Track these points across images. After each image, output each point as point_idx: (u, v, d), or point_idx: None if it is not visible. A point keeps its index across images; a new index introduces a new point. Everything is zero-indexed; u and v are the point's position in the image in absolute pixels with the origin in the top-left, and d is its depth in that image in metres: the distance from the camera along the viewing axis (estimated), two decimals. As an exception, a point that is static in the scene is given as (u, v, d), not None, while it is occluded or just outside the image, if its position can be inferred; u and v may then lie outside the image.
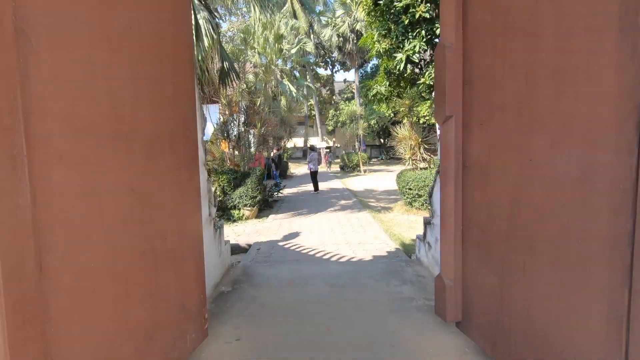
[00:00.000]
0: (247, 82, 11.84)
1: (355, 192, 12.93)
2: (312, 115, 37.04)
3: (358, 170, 22.15)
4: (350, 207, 9.60)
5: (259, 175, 8.50)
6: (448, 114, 2.10)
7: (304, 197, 12.02)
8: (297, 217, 8.39)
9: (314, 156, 13.59)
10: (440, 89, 2.16)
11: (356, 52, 28.92)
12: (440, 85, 2.16)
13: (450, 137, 2.15)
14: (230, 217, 8.14)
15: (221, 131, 9.89)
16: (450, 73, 2.08)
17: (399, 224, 7.46)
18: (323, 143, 28.37)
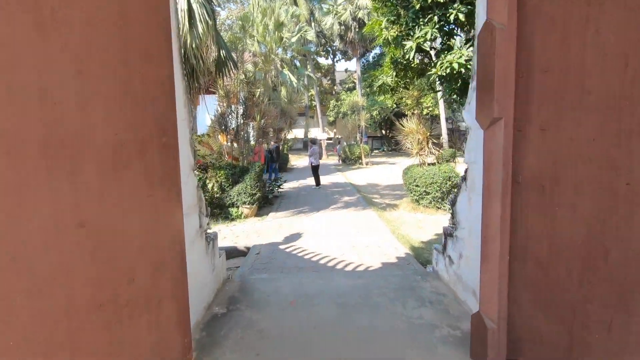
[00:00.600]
0: (246, 72, 11.32)
1: (359, 186, 12.51)
2: (313, 105, 36.39)
3: (360, 163, 21.69)
4: (353, 204, 9.18)
5: (258, 171, 8.05)
6: (497, 115, 1.65)
7: (305, 192, 11.60)
8: (299, 215, 7.98)
9: (315, 150, 13.09)
10: (486, 82, 1.70)
11: (358, 41, 28.18)
12: (486, 78, 1.70)
13: (496, 144, 1.71)
14: (229, 216, 7.73)
15: (219, 123, 9.41)
16: (501, 62, 1.62)
17: (406, 224, 7.05)
18: (324, 134, 27.85)
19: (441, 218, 7.38)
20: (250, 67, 15.51)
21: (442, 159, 8.67)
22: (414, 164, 8.94)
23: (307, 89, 24.47)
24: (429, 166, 8.39)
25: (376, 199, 10.06)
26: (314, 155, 12.96)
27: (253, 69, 14.75)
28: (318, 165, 13.11)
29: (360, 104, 22.93)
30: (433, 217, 7.53)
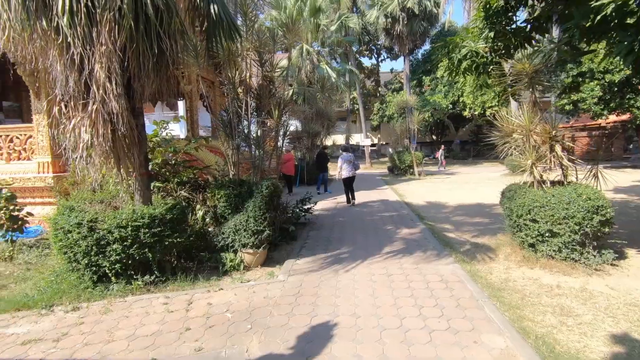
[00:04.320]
0: (276, 67, 8.34)
1: (417, 208, 9.15)
2: (355, 109, 33.32)
3: (411, 173, 18.18)
4: (418, 244, 5.92)
5: (266, 193, 5.09)
6: None
7: (343, 217, 8.47)
8: (331, 270, 4.89)
9: (348, 158, 10.09)
10: None
11: (407, 35, 24.73)
12: None
13: None
14: (220, 265, 4.82)
15: (223, 124, 6.63)
16: None
17: (529, 302, 3.71)
18: (367, 140, 24.59)
19: (595, 286, 3.94)
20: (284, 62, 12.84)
21: (581, 175, 5.17)
22: (518, 182, 5.52)
23: (348, 87, 21.47)
24: (554, 187, 4.94)
25: (450, 232, 6.69)
26: (347, 164, 9.97)
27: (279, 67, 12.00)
28: (352, 178, 10.08)
29: (411, 104, 19.43)
30: (576, 282, 4.10)
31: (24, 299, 3.90)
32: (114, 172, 4.67)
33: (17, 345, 3.11)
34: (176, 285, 4.28)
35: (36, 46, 3.89)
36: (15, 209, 5.24)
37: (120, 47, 3.78)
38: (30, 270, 4.75)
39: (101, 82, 3.79)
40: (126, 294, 4.03)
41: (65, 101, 4.03)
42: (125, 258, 4.06)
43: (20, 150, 7.13)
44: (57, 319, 3.58)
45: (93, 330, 3.31)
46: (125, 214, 4.10)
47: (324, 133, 16.57)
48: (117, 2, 3.65)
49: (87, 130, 3.93)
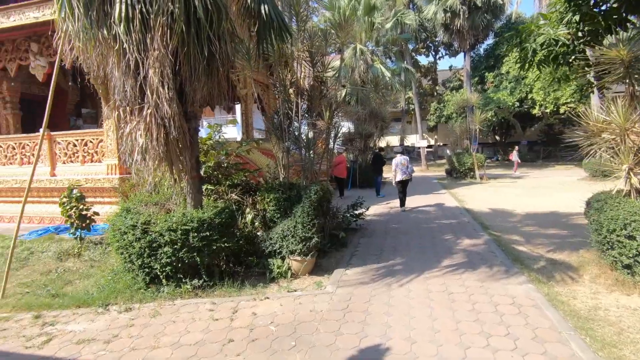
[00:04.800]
0: (330, 68, 8.05)
1: (480, 216, 8.36)
2: (411, 109, 32.14)
3: (472, 176, 16.95)
4: (482, 257, 5.30)
5: (314, 199, 4.87)
6: None
7: (397, 224, 7.99)
8: (384, 283, 4.52)
9: (402, 160, 9.65)
10: None
11: (468, 29, 23.24)
12: None
13: None
14: (268, 271, 4.69)
15: (273, 127, 6.57)
16: None
17: (629, 338, 3.03)
18: (423, 141, 23.50)
19: None
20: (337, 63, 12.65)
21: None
22: (609, 191, 4.68)
23: (403, 86, 20.66)
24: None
25: (520, 245, 5.94)
26: (402, 167, 9.51)
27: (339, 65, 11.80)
28: (406, 182, 9.60)
29: (472, 103, 18.14)
30: (692, 319, 3.30)
31: (85, 296, 4.08)
32: (167, 175, 4.78)
33: (72, 343, 3.21)
34: (223, 291, 4.21)
35: (98, 54, 4.06)
36: (84, 208, 5.60)
37: (172, 52, 3.80)
38: (94, 267, 5.02)
39: (155, 87, 3.83)
40: (175, 297, 4.05)
41: (123, 106, 4.15)
42: (175, 261, 4.08)
43: (93, 153, 7.71)
44: (111, 318, 3.67)
45: (141, 334, 3.32)
46: (176, 217, 4.12)
47: (378, 134, 16.06)
48: (170, 7, 3.67)
49: (142, 134, 4.00)
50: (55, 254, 5.44)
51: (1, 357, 3.06)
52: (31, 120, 9.40)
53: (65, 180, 7.34)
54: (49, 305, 3.95)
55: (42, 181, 7.55)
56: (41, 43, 7.35)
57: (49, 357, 3.01)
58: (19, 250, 5.60)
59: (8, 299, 4.20)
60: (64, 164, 7.86)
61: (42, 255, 5.48)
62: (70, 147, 7.77)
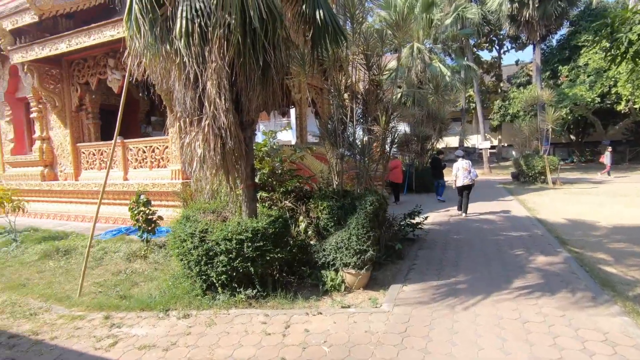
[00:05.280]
0: (387, 70, 7.71)
1: (556, 228, 7.47)
2: (471, 109, 30.31)
3: (543, 181, 15.44)
4: (561, 279, 4.67)
5: (370, 211, 4.63)
6: None
7: (458, 234, 7.43)
8: (445, 303, 4.15)
9: (464, 164, 9.10)
10: None
11: (538, 19, 21.31)
12: None
13: None
14: (321, 283, 4.56)
15: (327, 132, 6.45)
16: None
17: None
18: (486, 142, 21.95)
19: None
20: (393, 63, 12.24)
21: None
22: None
23: (464, 84, 19.47)
24: None
25: (608, 265, 5.16)
26: (463, 172, 9.06)
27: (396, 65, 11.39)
28: (468, 187, 9.02)
29: (544, 99, 16.50)
30: None
31: (148, 300, 4.28)
32: (224, 183, 4.86)
33: (135, 348, 3.34)
34: (276, 302, 4.16)
35: (162, 68, 4.23)
36: (149, 212, 5.94)
37: (229, 63, 3.83)
38: (157, 270, 5.28)
39: (212, 98, 3.89)
40: (230, 307, 4.07)
41: (184, 118, 4.29)
42: (230, 270, 4.11)
43: (159, 159, 8.21)
44: (171, 324, 3.78)
45: (197, 344, 3.36)
46: (231, 226, 4.15)
47: (436, 136, 15.28)
48: (227, 19, 3.69)
49: (200, 144, 4.09)
50: (125, 255, 5.83)
51: (74, 356, 3.28)
52: (108, 129, 10.33)
53: (135, 184, 7.91)
54: (117, 306, 4.19)
55: (116, 185, 8.21)
56: (116, 58, 7.99)
57: (113, 361, 3.16)
58: (95, 249, 6.10)
59: (84, 297, 4.54)
60: (134, 169, 8.48)
61: (114, 256, 5.91)
62: (140, 153, 8.36)
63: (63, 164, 9.50)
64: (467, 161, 9.59)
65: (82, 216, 9.03)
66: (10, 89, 10.14)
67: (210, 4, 3.61)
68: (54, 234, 7.42)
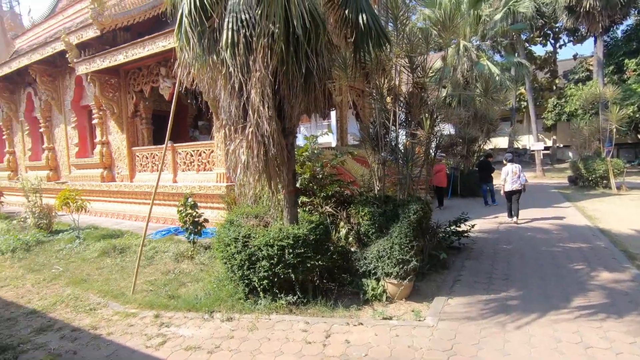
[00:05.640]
0: (431, 71, 7.39)
1: (622, 240, 6.77)
2: (522, 107, 28.53)
3: (605, 186, 14.17)
4: (630, 299, 4.21)
5: (413, 220, 4.48)
6: None
7: (508, 243, 6.99)
8: (493, 322, 3.90)
9: (513, 168, 8.69)
10: None
11: (601, 9, 19.62)
12: None
13: None
14: (362, 292, 4.49)
15: (369, 137, 6.36)
16: None
17: None
18: (539, 143, 20.57)
19: None
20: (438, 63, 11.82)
21: None
22: None
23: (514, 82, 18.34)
24: None
25: (687, 286, 4.58)
26: (512, 176, 8.73)
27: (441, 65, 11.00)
28: (517, 192, 8.67)
29: (608, 96, 15.12)
30: None
31: (194, 301, 4.44)
32: (266, 189, 4.95)
33: (182, 349, 3.47)
34: (316, 309, 4.15)
35: (209, 78, 4.38)
36: (196, 215, 6.20)
37: (272, 71, 3.88)
38: (202, 271, 5.48)
39: (256, 106, 3.96)
40: (271, 312, 4.12)
41: (228, 125, 4.41)
42: (272, 276, 4.16)
43: (205, 163, 8.55)
44: (215, 327, 3.89)
45: (239, 349, 3.43)
46: (273, 232, 4.20)
47: (483, 138, 14.53)
48: (271, 28, 3.74)
49: (244, 151, 4.18)
50: (173, 255, 6.12)
51: (127, 352, 3.48)
52: (160, 133, 10.94)
53: (183, 187, 8.31)
54: (166, 305, 4.40)
55: (166, 186, 8.66)
56: (168, 67, 8.44)
57: (162, 361, 3.30)
58: (146, 248, 6.47)
59: (137, 294, 4.82)
60: (183, 171, 8.91)
61: (163, 256, 6.23)
62: (188, 157, 8.76)
63: (120, 167, 10.21)
64: (516, 165, 9.06)
65: (136, 216, 9.64)
66: (75, 97, 11.07)
67: (255, 14, 3.68)
68: (111, 232, 7.98)
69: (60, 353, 3.49)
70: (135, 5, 9.37)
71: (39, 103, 12.06)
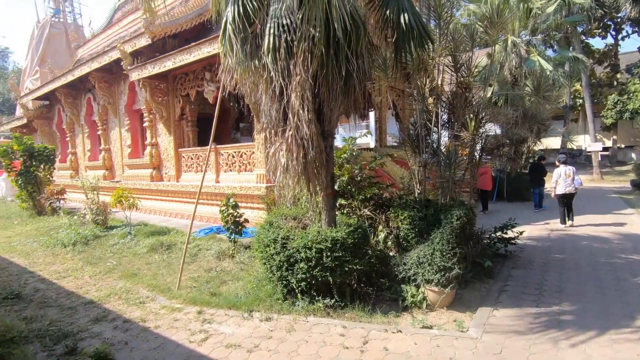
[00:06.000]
0: (476, 69, 7.04)
1: (696, 253, 6.08)
2: (577, 105, 26.49)
3: (675, 192, 12.76)
4: None
5: (456, 226, 4.29)
6: None
7: (561, 251, 6.51)
8: (544, 337, 3.64)
9: (566, 170, 8.12)
10: None
11: (673, -5, 17.73)
12: None
13: None
14: (400, 298, 4.39)
15: (409, 139, 6.21)
16: None
17: None
18: (597, 144, 19.01)
19: None
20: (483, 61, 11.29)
21: None
22: None
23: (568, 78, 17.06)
24: None
25: None
26: (565, 178, 8.32)
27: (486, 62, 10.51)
28: (569, 195, 8.16)
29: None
30: None
31: (234, 299, 4.58)
32: (304, 192, 4.98)
33: (222, 346, 3.59)
34: (354, 314, 4.11)
35: (251, 83, 4.49)
36: (237, 215, 6.39)
37: (312, 75, 3.90)
38: (242, 270, 5.63)
39: (295, 110, 3.99)
40: (309, 314, 4.14)
41: (269, 129, 4.49)
42: (310, 278, 4.17)
43: (246, 164, 8.80)
44: (254, 326, 3.98)
45: (278, 350, 3.48)
46: (311, 235, 4.21)
47: (533, 138, 13.65)
48: (311, 32, 3.76)
49: (284, 154, 4.24)
50: (215, 253, 6.35)
51: (172, 346, 3.65)
52: (203, 135, 11.42)
53: (225, 187, 8.60)
54: (208, 302, 4.57)
55: (209, 186, 9.01)
56: (212, 72, 8.77)
57: (205, 356, 3.43)
58: (191, 246, 6.76)
59: (182, 290, 5.05)
60: (225, 172, 9.23)
61: (206, 253, 6.48)
62: (230, 158, 9.06)
63: (167, 167, 10.78)
64: (570, 167, 8.46)
65: (182, 214, 10.12)
66: (128, 102, 11.85)
67: (296, 19, 3.71)
68: (159, 229, 8.44)
69: (113, 343, 3.73)
70: (183, 14, 9.85)
71: (97, 107, 13.04)
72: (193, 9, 10.02)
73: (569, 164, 8.72)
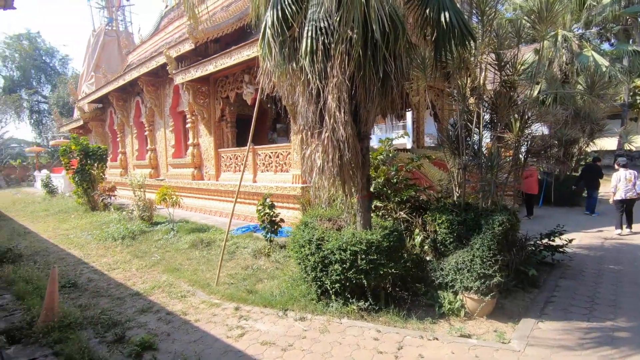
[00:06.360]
0: (520, 63, 6.63)
1: None
2: (637, 103, 24.32)
3: None
4: None
5: (498, 232, 4.10)
6: None
7: (616, 263, 6.01)
8: (596, 355, 3.38)
9: (627, 175, 7.51)
10: None
11: None
12: None
13: None
14: (437, 305, 4.27)
15: (449, 140, 6.01)
16: None
17: None
18: (660, 145, 17.30)
19: None
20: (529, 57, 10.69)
21: None
22: None
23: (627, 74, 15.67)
24: None
25: None
26: (626, 183, 7.74)
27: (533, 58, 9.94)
28: (630, 201, 7.69)
29: None
30: None
31: (270, 297, 4.67)
32: (340, 193, 4.98)
33: (258, 343, 3.68)
34: (388, 318, 4.05)
35: (288, 85, 4.56)
36: (273, 214, 6.52)
37: (349, 77, 3.89)
38: (278, 269, 5.74)
39: (332, 112, 4.01)
40: (342, 316, 4.14)
41: (305, 130, 4.54)
42: (344, 280, 4.17)
43: (282, 164, 8.95)
44: (288, 325, 4.04)
45: (311, 350, 3.51)
46: (346, 237, 4.21)
47: (585, 139, 12.74)
48: (349, 34, 3.75)
49: (320, 156, 4.27)
50: (252, 252, 6.52)
51: (211, 340, 3.79)
52: (242, 136, 11.76)
53: (262, 186, 8.80)
54: (245, 299, 4.70)
55: (246, 186, 9.26)
56: (251, 74, 9.02)
57: (241, 352, 3.53)
58: (229, 243, 6.98)
59: (220, 286, 5.24)
60: (262, 172, 9.44)
61: (243, 251, 6.67)
62: (267, 158, 9.26)
63: (207, 167, 11.21)
64: (631, 171, 7.80)
65: (220, 212, 10.49)
66: (173, 104, 12.47)
67: (333, 22, 3.72)
68: (200, 226, 8.80)
69: (157, 333, 3.95)
70: (224, 19, 10.20)
71: (145, 110, 13.84)
72: (234, 14, 10.35)
73: (629, 168, 8.05)
